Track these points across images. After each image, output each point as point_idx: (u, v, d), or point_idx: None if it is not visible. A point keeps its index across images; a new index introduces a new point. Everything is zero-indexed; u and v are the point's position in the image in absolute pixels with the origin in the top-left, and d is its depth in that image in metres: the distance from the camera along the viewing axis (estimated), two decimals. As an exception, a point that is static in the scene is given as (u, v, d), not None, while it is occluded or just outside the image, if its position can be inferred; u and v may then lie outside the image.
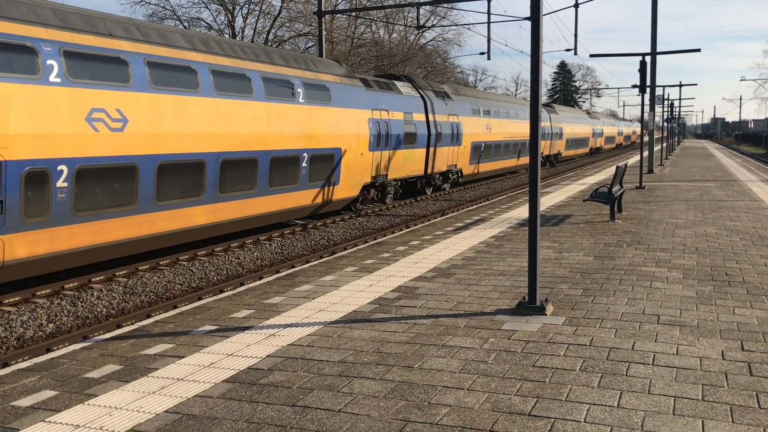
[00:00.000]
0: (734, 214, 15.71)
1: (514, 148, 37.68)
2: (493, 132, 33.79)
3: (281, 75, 17.21)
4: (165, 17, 42.78)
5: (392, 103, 23.29)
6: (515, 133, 37.30)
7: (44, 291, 11.43)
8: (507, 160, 37.20)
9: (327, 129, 18.75)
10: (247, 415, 4.81)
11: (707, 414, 4.70)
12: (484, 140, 32.22)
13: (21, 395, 5.26)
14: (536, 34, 7.28)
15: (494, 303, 7.79)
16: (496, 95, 39.96)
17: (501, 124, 35.27)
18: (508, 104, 38.46)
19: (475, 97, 33.08)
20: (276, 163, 16.60)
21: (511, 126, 36.90)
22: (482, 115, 32.37)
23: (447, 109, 28.06)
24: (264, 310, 7.71)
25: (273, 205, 16.87)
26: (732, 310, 7.37)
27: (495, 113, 34.58)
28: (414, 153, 24.94)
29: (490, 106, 34.18)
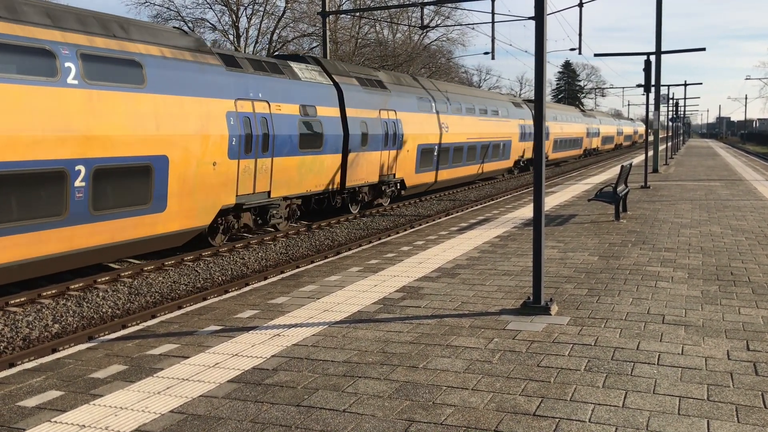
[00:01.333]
0: (740, 213, 15.67)
1: (482, 151, 31.50)
2: (452, 132, 27.59)
3: (25, 39, 10.72)
4: (169, 18, 42.87)
5: (278, 91, 16.74)
6: (482, 134, 31.02)
7: (50, 291, 11.47)
8: (470, 167, 30.70)
9: (133, 127, 12.34)
10: (252, 415, 4.82)
11: (713, 414, 4.69)
12: (438, 142, 26.01)
13: (27, 395, 5.28)
14: (540, 34, 7.27)
15: (499, 303, 7.78)
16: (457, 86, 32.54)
17: (463, 123, 28.92)
18: (474, 98, 31.81)
19: (427, 89, 26.86)
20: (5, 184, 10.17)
21: (477, 125, 30.58)
22: (435, 111, 26.22)
23: (379, 102, 21.98)
24: (269, 310, 7.72)
25: None
26: (737, 309, 7.35)
27: (456, 109, 28.50)
28: (319, 161, 18.23)
29: (448, 100, 28.12)
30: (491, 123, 32.32)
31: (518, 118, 37.32)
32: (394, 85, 24.07)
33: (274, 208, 17.04)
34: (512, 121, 35.70)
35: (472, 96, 32.03)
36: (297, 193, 17.77)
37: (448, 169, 27.82)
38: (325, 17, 28.01)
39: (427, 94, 26.21)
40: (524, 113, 38.98)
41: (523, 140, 37.94)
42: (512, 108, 36.79)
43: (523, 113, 38.78)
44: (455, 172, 28.79)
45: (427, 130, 25.24)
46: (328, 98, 19.25)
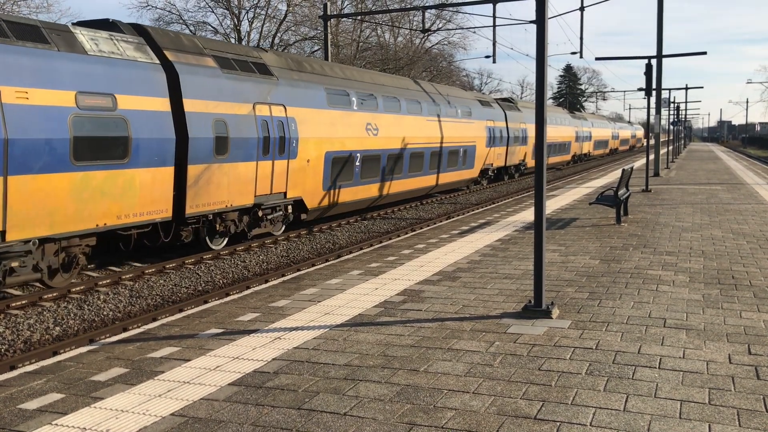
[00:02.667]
0: (741, 217, 15.66)
1: (434, 160, 25.26)
2: (385, 136, 21.54)
3: None
4: (171, 21, 42.96)
5: (25, 68, 10.78)
6: (433, 138, 24.99)
7: (51, 294, 11.46)
8: (415, 179, 24.10)
9: None
10: (252, 418, 4.81)
11: (714, 418, 4.69)
12: (360, 149, 19.98)
13: (28, 398, 5.28)
14: (542, 38, 7.28)
15: (500, 306, 7.78)
16: (394, 78, 25.03)
17: (404, 124, 22.86)
18: (421, 93, 25.42)
19: (348, 78, 20.54)
20: None
21: (425, 127, 24.44)
22: (358, 109, 20.05)
23: (255, 92, 15.65)
24: (270, 313, 7.72)
25: None
26: (739, 313, 7.34)
27: (392, 107, 22.33)
28: (123, 178, 12.35)
29: (378, 95, 21.68)
30: (448, 125, 26.50)
31: (486, 119, 31.58)
32: (285, 71, 17.35)
33: (12, 258, 10.66)
34: (477, 123, 30.28)
35: (418, 91, 25.34)
36: (72, 231, 11.48)
37: (380, 183, 21.59)
38: (326, 21, 28.05)
39: (345, 87, 19.76)
40: (494, 113, 33.36)
41: (492, 145, 32.49)
42: (478, 107, 31.13)
43: (493, 113, 33.24)
44: (393, 186, 22.53)
45: (342, 133, 18.92)
46: (145, 83, 12.98)
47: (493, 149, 32.89)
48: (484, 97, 35.27)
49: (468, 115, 29.35)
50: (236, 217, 15.50)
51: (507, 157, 35.67)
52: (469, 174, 29.83)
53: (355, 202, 20.58)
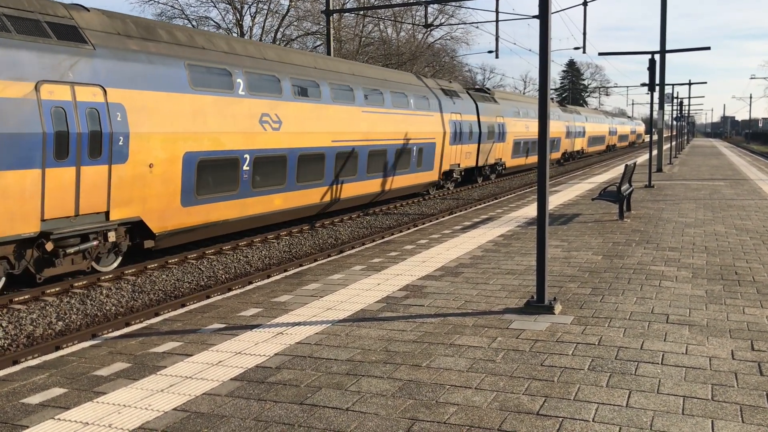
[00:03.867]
0: (744, 213, 15.63)
1: (374, 161, 20.71)
2: (293, 131, 16.67)
3: None
4: (174, 16, 42.93)
5: None
6: (371, 134, 20.35)
7: (54, 289, 11.48)
8: (345, 186, 19.50)
9: None
10: (255, 413, 4.82)
11: (717, 414, 4.68)
12: (243, 148, 14.87)
13: (30, 393, 5.29)
14: (545, 33, 7.25)
15: (502, 302, 7.77)
16: (313, 57, 19.28)
17: (326, 116, 18.06)
18: (354, 77, 20.40)
19: (225, 52, 15.08)
20: None
21: (360, 120, 19.83)
22: (243, 92, 15.01)
23: (39, 65, 10.89)
24: (272, 308, 7.72)
25: None
26: (742, 309, 7.33)
27: (303, 92, 17.35)
28: None
29: (282, 76, 16.54)
30: (396, 118, 21.97)
31: (450, 111, 26.83)
32: (113, 37, 12.51)
33: None
34: (438, 116, 25.61)
35: (351, 75, 20.28)
36: None
37: (287, 194, 16.71)
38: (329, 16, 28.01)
39: (225, 64, 14.68)
40: (461, 105, 28.29)
41: (459, 142, 27.68)
42: (439, 97, 26.25)
43: (460, 105, 28.13)
44: (311, 196, 17.71)
45: (216, 127, 14.06)
46: None
47: (460, 147, 27.94)
48: (449, 86, 29.17)
49: (424, 106, 24.52)
50: (11, 251, 10.73)
51: (479, 156, 30.66)
52: (426, 177, 24.97)
53: (243, 220, 15.42)
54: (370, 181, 20.92)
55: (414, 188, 24.84)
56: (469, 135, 28.84)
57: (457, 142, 27.57)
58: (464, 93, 30.04)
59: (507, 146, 34.61)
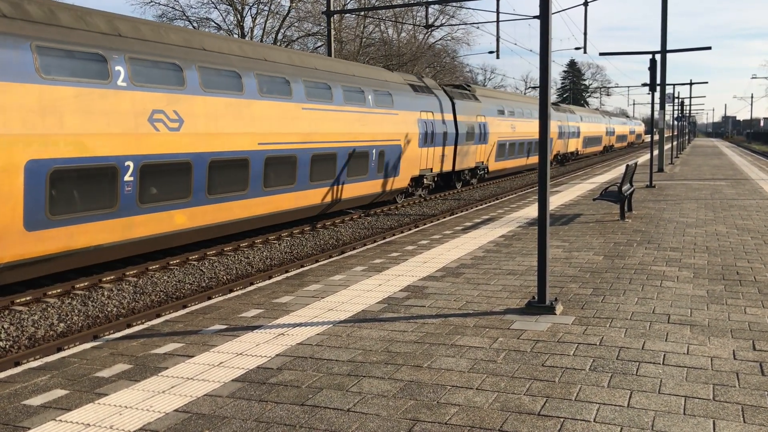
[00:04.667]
0: (745, 212, 15.62)
1: (322, 166, 17.82)
2: (203, 132, 13.76)
3: None
4: (174, 17, 42.97)
5: None
6: (308, 135, 17.12)
7: (55, 291, 11.49)
8: (281, 198, 16.42)
9: None
10: (256, 414, 4.82)
11: (718, 414, 4.68)
12: (124, 153, 12.04)
13: (32, 394, 5.29)
14: (545, 33, 7.25)
15: (503, 302, 7.77)
16: (222, 40, 15.72)
17: (243, 112, 14.94)
18: (294, 69, 17.30)
19: (94, 31, 12.03)
20: None
21: (294, 118, 16.62)
22: (123, 82, 12.20)
23: None
24: (273, 309, 7.72)
25: None
26: (743, 309, 7.32)
27: (210, 82, 14.18)
28: None
29: (173, 60, 13.41)
30: (348, 116, 19.03)
31: (420, 109, 23.83)
32: None
33: None
34: (404, 114, 22.61)
35: (288, 66, 17.10)
36: None
37: (196, 208, 13.72)
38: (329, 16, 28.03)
39: (93, 47, 11.78)
40: (433, 103, 25.27)
41: (430, 144, 24.56)
42: (404, 93, 23.13)
43: (431, 103, 25.09)
44: (233, 210, 14.72)
45: (79, 127, 11.26)
46: None
47: (433, 150, 25.00)
48: (420, 82, 25.85)
49: (386, 103, 21.43)
50: None
51: (456, 159, 27.61)
52: (390, 184, 22.14)
53: (128, 244, 12.49)
54: (315, 190, 17.76)
55: (374, 197, 21.48)
56: (444, 136, 25.91)
57: (429, 144, 24.61)
58: (438, 89, 26.94)
59: (490, 148, 31.69)
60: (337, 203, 19.23)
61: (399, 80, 23.83)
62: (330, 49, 28.07)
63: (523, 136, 36.66)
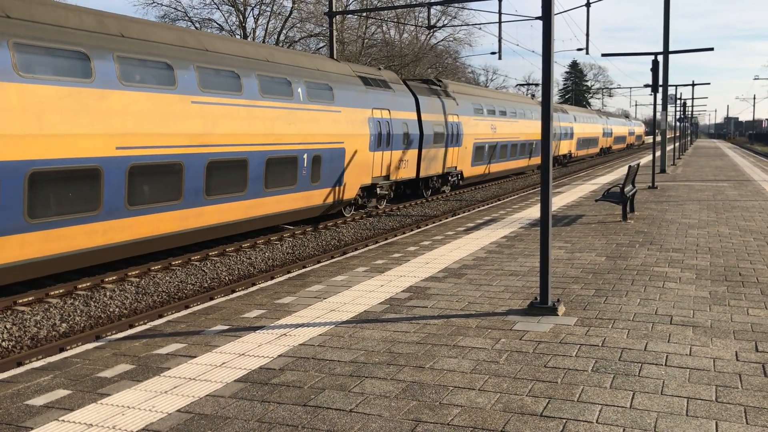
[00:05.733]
0: (748, 214, 15.60)
1: (222, 177, 14.39)
2: (51, 132, 10.59)
3: None
4: (177, 18, 43.01)
5: None
6: (205, 136, 13.80)
7: (57, 291, 11.50)
8: (152, 219, 12.82)
9: None
10: (258, 414, 4.82)
11: (721, 415, 4.67)
12: None
13: (35, 394, 5.30)
14: (548, 34, 7.25)
15: (506, 303, 7.76)
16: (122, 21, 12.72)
17: (99, 108, 11.44)
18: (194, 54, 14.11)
19: None
20: None
21: (184, 115, 13.34)
22: None
23: None
24: (275, 310, 7.73)
25: None
26: (746, 310, 7.31)
27: (40, 65, 10.58)
28: None
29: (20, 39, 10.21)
30: (265, 113, 15.60)
31: (372, 106, 20.63)
32: None
33: None
34: (349, 113, 19.23)
35: (173, 46, 13.62)
36: None
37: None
38: (331, 17, 28.04)
39: None
40: (392, 99, 21.99)
41: (385, 147, 21.15)
42: (352, 87, 19.82)
43: (389, 99, 21.82)
44: (60, 239, 10.99)
45: None
46: None
47: (389, 154, 21.50)
48: (375, 74, 22.24)
49: (325, 98, 18.07)
50: None
51: (421, 164, 24.31)
52: (329, 195, 18.63)
53: None
54: (214, 207, 14.18)
55: (307, 212, 17.86)
56: (405, 138, 22.51)
57: (385, 147, 21.12)
58: (399, 84, 23.51)
59: (465, 152, 28.05)
60: (249, 222, 15.58)
61: (345, 71, 20.19)
62: (332, 50, 28.08)
63: (507, 138, 33.21)
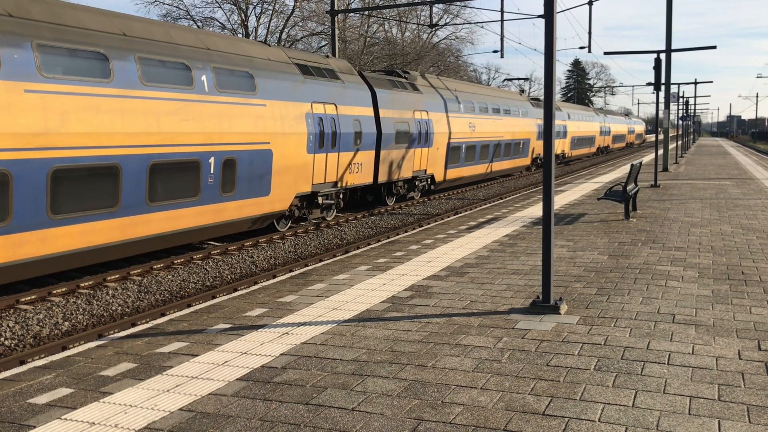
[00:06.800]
0: (750, 212, 15.57)
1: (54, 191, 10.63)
2: None
3: None
4: (179, 17, 43.02)
5: None
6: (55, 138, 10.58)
7: (60, 289, 11.52)
8: None
9: None
10: (260, 413, 4.82)
11: (723, 414, 4.66)
12: None
13: (37, 393, 5.30)
14: (550, 32, 7.24)
15: (508, 302, 7.76)
16: None
17: None
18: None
19: None
20: None
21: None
22: None
23: None
24: (277, 308, 7.73)
25: None
26: (749, 309, 7.30)
27: None
28: None
29: None
30: (147, 105, 12.43)
31: (312, 100, 17.31)
32: None
33: None
34: (277, 106, 15.89)
35: (16, 18, 10.51)
36: None
37: None
38: (333, 16, 28.03)
39: None
40: (340, 92, 18.94)
41: (330, 149, 18.09)
42: (282, 76, 16.48)
43: (337, 92, 18.76)
44: None
45: None
46: None
47: (335, 156, 18.36)
48: (317, 61, 18.86)
49: (241, 87, 14.81)
50: None
51: (380, 168, 21.23)
52: (256, 207, 15.42)
53: None
54: (62, 229, 11.04)
55: (216, 230, 14.48)
56: (357, 137, 19.38)
57: (329, 148, 17.99)
58: (351, 74, 20.33)
59: (437, 153, 25.07)
60: (126, 246, 12.35)
61: (277, 56, 16.87)
62: (334, 49, 28.07)
63: (490, 137, 30.17)
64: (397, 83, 23.42)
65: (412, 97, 23.70)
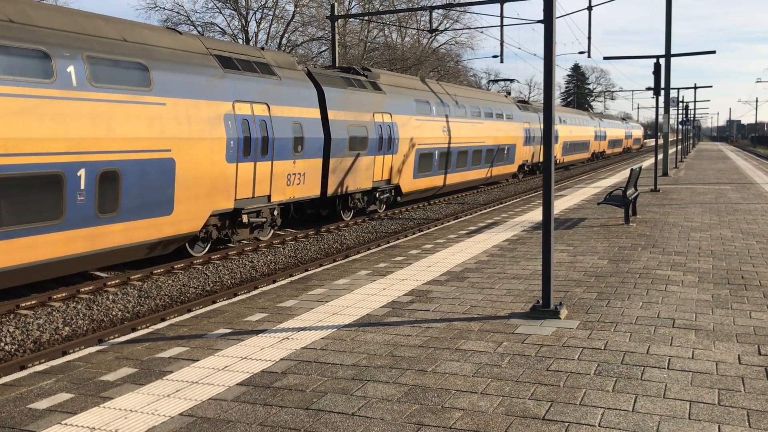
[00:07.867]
0: (750, 217, 15.58)
1: None
2: None
3: None
4: (179, 22, 43.11)
5: None
6: None
7: (60, 294, 11.52)
8: None
9: None
10: (261, 418, 4.82)
11: (723, 419, 4.66)
12: None
13: (38, 398, 5.30)
14: (549, 37, 7.26)
15: (508, 307, 7.76)
16: None
17: None
18: None
19: None
20: None
21: None
22: None
23: None
24: (278, 313, 7.73)
25: None
26: (748, 313, 7.30)
27: None
28: None
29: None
30: (15, 104, 10.07)
31: (231, 98, 14.65)
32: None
33: None
34: (183, 106, 13.27)
35: None
36: None
37: None
38: (334, 21, 28.09)
39: None
40: (276, 91, 16.39)
41: (261, 157, 15.56)
42: (192, 69, 13.86)
43: (272, 90, 16.24)
44: None
45: None
46: None
47: (268, 165, 15.80)
48: (242, 51, 16.16)
49: (130, 82, 12.23)
50: None
51: (330, 178, 18.74)
52: (152, 230, 12.81)
53: None
54: None
55: (93, 260, 11.91)
56: (297, 143, 16.76)
57: (259, 156, 15.46)
58: (292, 69, 17.64)
59: (404, 160, 22.65)
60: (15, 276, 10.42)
61: (188, 46, 14.23)
62: (334, 54, 28.13)
63: (468, 143, 27.70)
64: (353, 81, 20.55)
65: (371, 98, 20.93)
